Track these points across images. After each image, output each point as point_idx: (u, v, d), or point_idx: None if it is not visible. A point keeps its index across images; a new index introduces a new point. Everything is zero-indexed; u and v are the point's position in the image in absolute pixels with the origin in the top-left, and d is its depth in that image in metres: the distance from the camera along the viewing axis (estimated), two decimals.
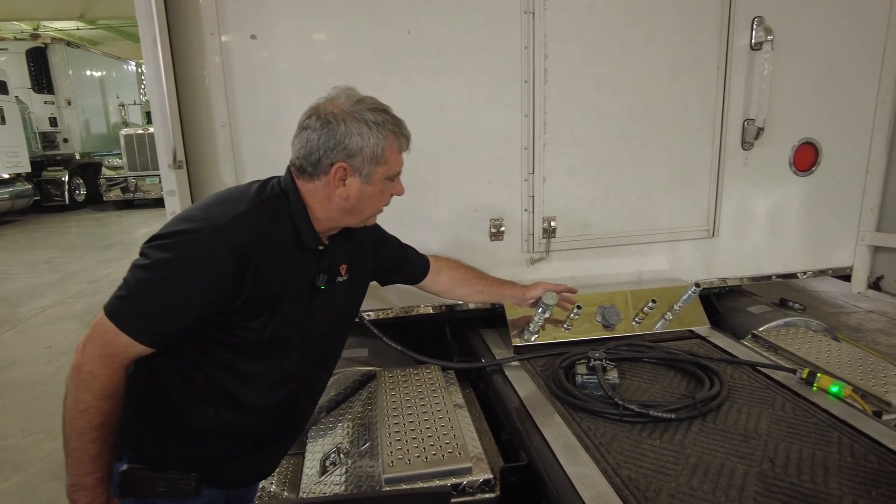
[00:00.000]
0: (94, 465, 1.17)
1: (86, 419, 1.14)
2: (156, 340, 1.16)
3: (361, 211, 1.31)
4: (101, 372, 1.14)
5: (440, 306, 1.97)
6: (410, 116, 1.79)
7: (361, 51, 1.76)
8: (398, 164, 1.32)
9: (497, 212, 1.92)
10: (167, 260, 1.13)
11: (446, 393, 1.62)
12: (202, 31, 1.66)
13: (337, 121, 1.23)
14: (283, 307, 1.26)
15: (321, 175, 1.26)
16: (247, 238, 1.16)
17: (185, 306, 1.15)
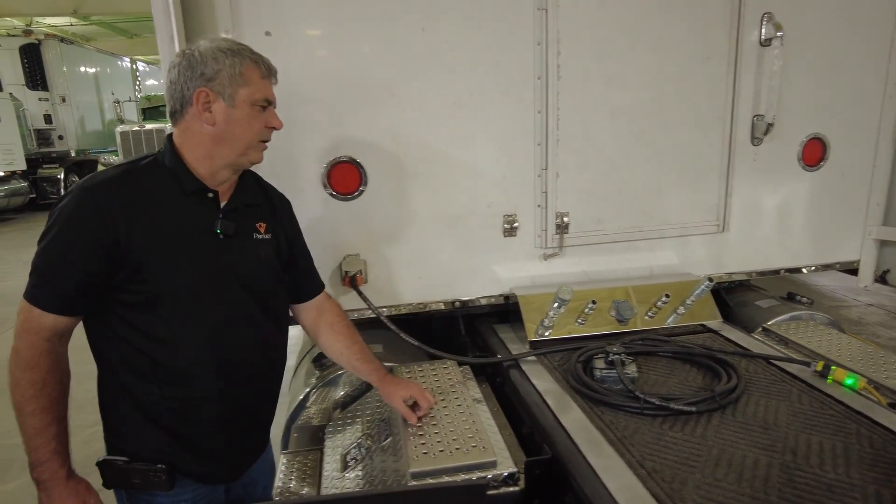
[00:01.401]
0: (42, 440, 1.22)
1: (19, 393, 1.22)
2: (59, 305, 1.22)
3: (234, 138, 1.30)
4: (21, 346, 1.22)
5: (453, 301, 1.98)
6: (425, 113, 1.83)
7: (375, 47, 1.77)
8: (264, 89, 1.32)
9: (511, 208, 1.93)
10: (48, 230, 1.23)
11: (464, 388, 1.63)
12: (216, 28, 1.66)
13: (192, 52, 1.29)
14: (178, 254, 1.28)
15: (188, 108, 1.29)
16: (114, 195, 1.22)
17: (68, 263, 1.21)
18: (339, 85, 1.76)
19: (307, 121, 1.76)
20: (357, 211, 1.83)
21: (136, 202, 1.25)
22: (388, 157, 1.82)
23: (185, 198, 1.31)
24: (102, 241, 1.21)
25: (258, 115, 1.32)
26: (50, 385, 1.23)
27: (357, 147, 1.80)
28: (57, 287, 1.22)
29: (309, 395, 1.91)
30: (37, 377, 1.22)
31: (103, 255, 1.21)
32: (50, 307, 1.22)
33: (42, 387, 1.22)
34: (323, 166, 1.78)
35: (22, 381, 1.21)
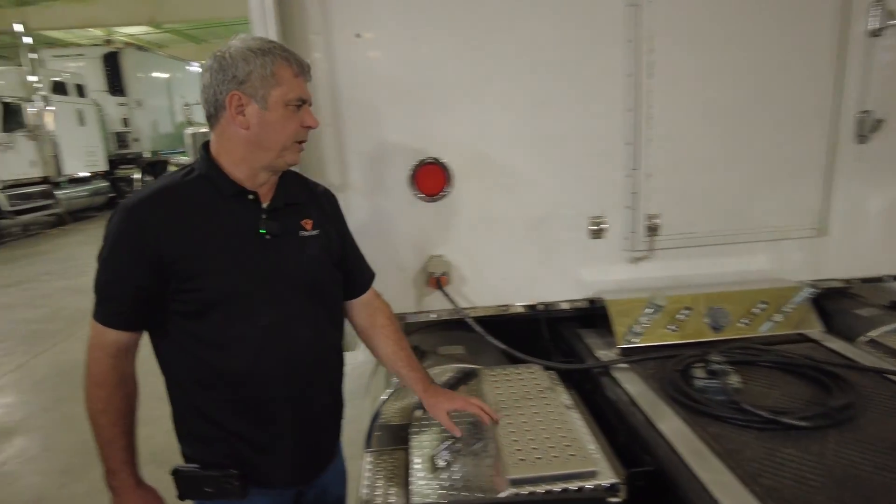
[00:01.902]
0: (112, 450, 1.29)
1: (91, 406, 1.28)
2: (118, 320, 1.26)
3: (269, 141, 1.28)
4: (90, 362, 1.28)
5: (536, 304, 1.94)
6: (510, 112, 1.80)
7: (461, 47, 1.75)
8: (298, 88, 1.28)
9: (597, 209, 1.88)
10: (102, 250, 1.26)
11: (554, 393, 1.60)
12: (306, 30, 1.69)
13: (223, 55, 1.26)
14: (224, 259, 1.27)
15: (221, 112, 1.27)
16: (153, 210, 1.25)
17: (120, 280, 1.25)
18: (426, 86, 1.76)
19: (394, 122, 1.76)
20: (442, 212, 1.82)
21: (175, 214, 1.26)
22: (473, 158, 1.81)
23: (225, 202, 1.30)
24: (146, 256, 1.23)
25: (293, 115, 1.29)
26: (117, 399, 1.29)
27: (443, 148, 1.79)
28: (115, 303, 1.27)
29: (391, 395, 1.91)
30: (105, 393, 1.28)
31: (149, 269, 1.24)
32: (111, 323, 1.26)
33: (110, 401, 1.28)
34: (409, 167, 1.78)
35: (93, 395, 1.28)
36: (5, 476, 3.32)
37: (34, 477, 3.29)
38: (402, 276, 1.87)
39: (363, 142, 1.77)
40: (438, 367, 1.86)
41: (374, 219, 1.82)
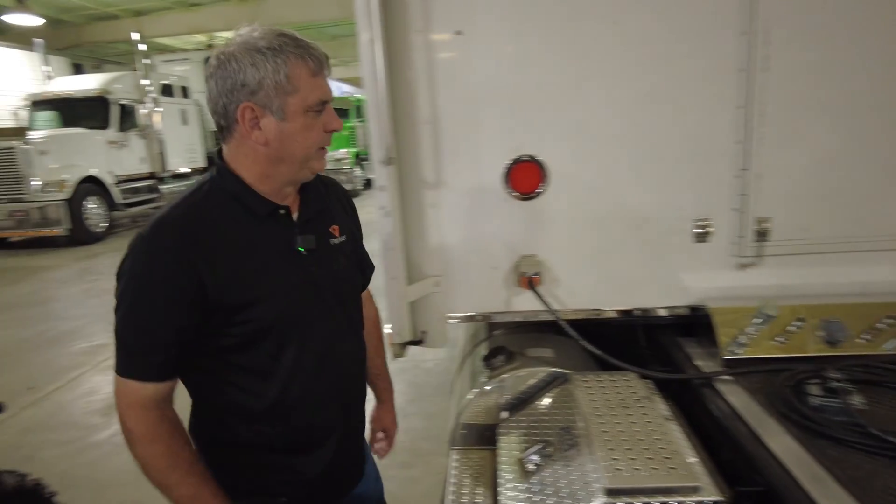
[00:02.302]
0: (201, 498, 1.16)
1: (154, 470, 1.13)
2: (156, 372, 1.12)
3: (292, 155, 1.15)
4: (131, 424, 1.12)
5: (632, 310, 1.87)
6: (611, 109, 1.74)
7: (564, 43, 1.71)
8: (317, 90, 1.13)
9: (703, 211, 1.78)
10: (123, 296, 1.10)
11: (651, 403, 1.53)
12: (408, 28, 1.70)
13: (228, 58, 1.08)
14: (267, 284, 1.17)
15: (234, 125, 1.12)
16: (185, 236, 1.09)
17: (156, 326, 1.09)
18: (526, 82, 1.73)
19: (491, 119, 1.75)
20: (536, 211, 1.79)
21: (209, 239, 1.12)
22: (571, 157, 1.76)
23: (258, 222, 1.19)
24: (188, 291, 1.09)
25: (314, 121, 1.15)
26: (178, 447, 1.15)
27: (539, 146, 1.75)
28: (150, 355, 1.11)
29: (477, 394, 1.90)
30: (163, 448, 1.13)
31: (192, 305, 1.10)
32: (150, 377, 1.12)
33: (173, 453, 1.14)
34: (504, 165, 1.76)
35: (150, 457, 1.12)
36: (115, 447, 3.60)
37: None
38: (492, 276, 1.86)
39: (459, 139, 1.77)
40: (525, 370, 1.83)
41: (466, 217, 1.82)
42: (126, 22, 16.64)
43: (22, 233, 10.18)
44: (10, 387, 4.59)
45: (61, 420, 4.04)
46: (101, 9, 16.28)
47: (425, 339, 1.90)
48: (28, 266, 9.18)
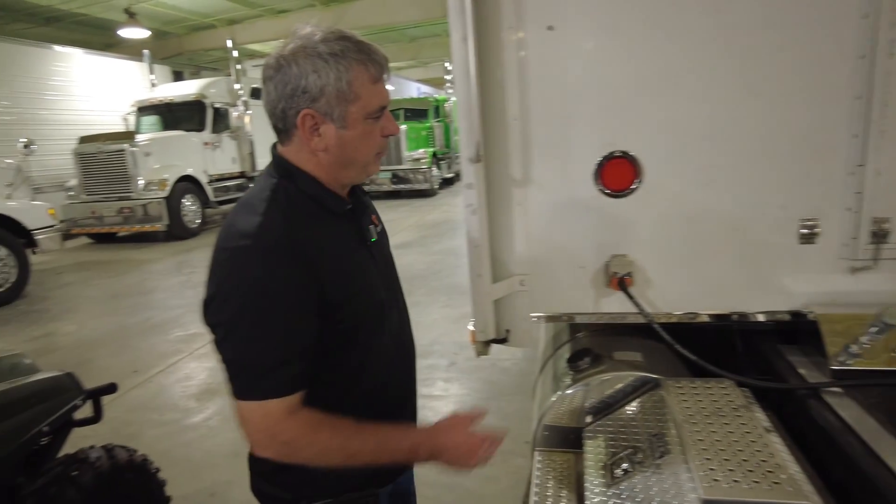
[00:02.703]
0: (392, 445, 1.15)
1: (336, 453, 1.10)
2: (299, 382, 1.08)
3: (352, 160, 1.16)
4: (288, 437, 1.07)
5: (730, 314, 1.77)
6: (712, 102, 1.65)
7: (660, 35, 1.65)
8: (377, 97, 1.12)
9: (810, 210, 1.66)
10: (240, 314, 1.03)
11: (750, 413, 1.44)
12: (500, 25, 1.69)
13: (288, 62, 1.06)
14: (357, 278, 1.19)
15: (293, 130, 1.12)
16: (295, 241, 1.07)
17: (295, 333, 1.06)
18: (619, 76, 1.68)
19: (583, 115, 1.71)
20: (628, 209, 1.73)
21: (311, 240, 1.12)
22: (666, 152, 1.69)
23: (336, 219, 1.21)
24: (312, 292, 1.08)
25: (373, 127, 1.15)
26: (334, 420, 1.12)
27: (633, 141, 1.70)
28: (290, 365, 1.07)
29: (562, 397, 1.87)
30: (327, 430, 1.11)
31: (317, 305, 1.09)
32: (289, 390, 1.07)
33: (337, 428, 1.11)
34: (595, 161, 1.72)
35: (322, 447, 1.09)
36: (210, 430, 3.82)
37: (231, 433, 3.74)
38: (579, 275, 1.82)
39: (548, 136, 1.74)
40: (612, 374, 1.78)
41: (554, 214, 1.79)
42: (221, 31, 17.67)
43: (128, 228, 11.03)
44: (119, 369, 4.98)
45: (162, 402, 4.34)
46: (199, 19, 17.36)
47: (509, 337, 1.89)
48: (133, 259, 9.94)
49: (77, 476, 2.02)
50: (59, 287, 8.35)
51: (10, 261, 7.50)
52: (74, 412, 2.13)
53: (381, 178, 14.94)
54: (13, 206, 7.59)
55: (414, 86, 24.24)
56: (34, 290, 7.97)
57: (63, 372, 2.14)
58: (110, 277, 8.68)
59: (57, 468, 2.05)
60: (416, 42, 23.16)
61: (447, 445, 1.19)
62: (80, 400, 2.10)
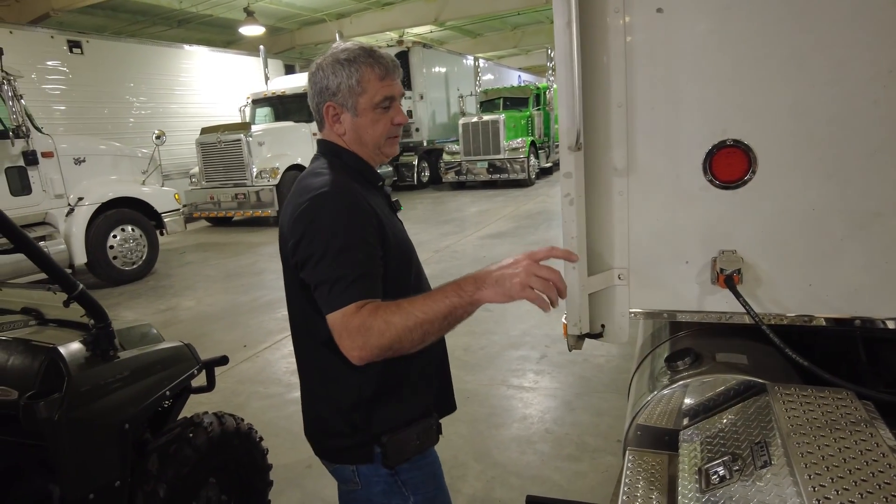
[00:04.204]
0: (438, 293, 1.19)
1: (414, 325, 1.16)
2: (370, 291, 1.24)
3: (364, 142, 1.45)
4: (358, 321, 1.17)
5: (852, 319, 1.62)
6: (842, 86, 1.50)
7: (781, 13, 1.52)
8: (382, 90, 1.40)
9: None
10: (330, 240, 1.24)
11: (872, 429, 1.31)
12: (606, 9, 1.63)
13: (318, 69, 1.41)
14: (402, 239, 1.47)
15: (324, 121, 1.45)
16: (357, 193, 1.33)
17: (375, 253, 1.29)
18: (733, 59, 1.57)
19: (692, 101, 1.62)
20: (740, 201, 1.62)
21: (366, 200, 1.37)
22: (786, 141, 1.56)
23: (374, 189, 1.50)
24: (376, 227, 1.34)
25: (382, 115, 1.43)
26: (395, 301, 1.21)
27: (748, 129, 1.58)
28: (363, 280, 1.23)
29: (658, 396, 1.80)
30: (385, 311, 1.18)
31: (378, 230, 1.34)
32: (374, 293, 1.24)
33: (394, 304, 1.19)
34: (705, 150, 1.62)
35: (387, 319, 1.16)
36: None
37: None
38: (683, 271, 1.73)
39: (654, 123, 1.66)
40: (713, 376, 1.69)
41: (658, 206, 1.70)
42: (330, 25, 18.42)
43: (242, 213, 11.85)
44: (231, 344, 5.38)
45: (267, 376, 4.64)
46: (310, 14, 18.19)
47: (604, 333, 1.83)
48: (246, 242, 10.67)
49: (192, 438, 2.21)
50: (181, 266, 9.14)
51: (142, 241, 8.33)
52: (191, 380, 2.33)
53: (478, 167, 14.98)
54: (146, 191, 8.41)
55: (515, 74, 24.04)
56: (161, 268, 8.77)
57: (183, 343, 2.34)
58: (226, 258, 9.38)
59: (176, 429, 2.26)
60: (518, 30, 22.92)
61: (492, 271, 1.18)
62: (196, 369, 2.29)
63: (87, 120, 11.68)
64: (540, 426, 3.49)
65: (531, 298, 1.15)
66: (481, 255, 7.84)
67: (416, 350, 1.22)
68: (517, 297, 1.14)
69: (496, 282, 1.16)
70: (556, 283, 1.17)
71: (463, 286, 1.18)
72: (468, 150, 15.04)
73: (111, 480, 1.85)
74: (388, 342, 1.17)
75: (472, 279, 1.18)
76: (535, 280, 1.14)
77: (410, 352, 1.21)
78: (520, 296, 1.14)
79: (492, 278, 1.16)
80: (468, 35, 23.16)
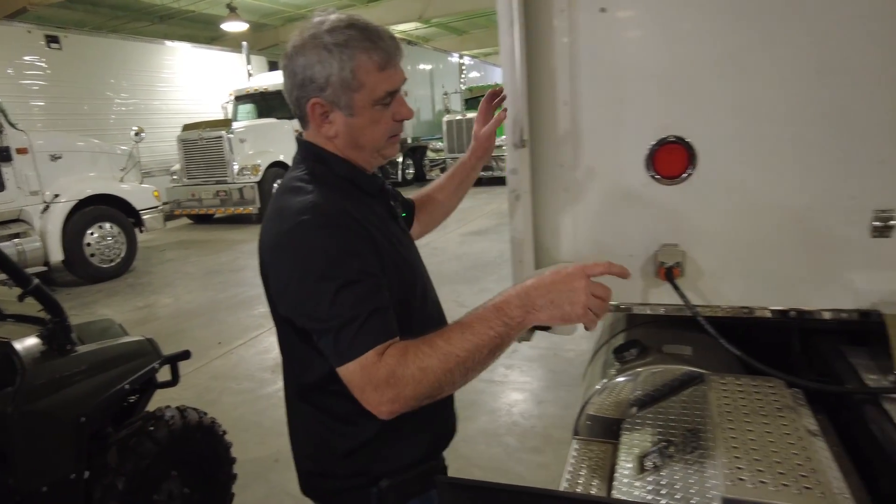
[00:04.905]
0: (478, 318, 1.00)
1: (438, 366, 0.98)
2: (384, 332, 1.02)
3: (361, 145, 1.18)
4: (385, 371, 0.98)
5: (788, 310, 1.67)
6: (778, 86, 1.55)
7: (721, 11, 1.56)
8: (384, 83, 1.12)
9: (885, 201, 1.52)
10: (322, 279, 1.01)
11: (795, 415, 1.36)
12: (551, 8, 1.67)
13: (297, 53, 1.09)
14: (403, 250, 1.24)
15: (307, 118, 1.15)
16: (344, 213, 1.09)
17: (367, 290, 1.03)
18: (675, 57, 1.62)
19: (635, 98, 1.66)
20: (680, 196, 1.67)
21: (355, 211, 1.13)
22: (724, 138, 1.61)
23: (370, 197, 1.24)
24: (373, 254, 1.10)
25: (382, 112, 1.16)
26: (424, 339, 1.02)
27: (689, 126, 1.63)
28: (371, 321, 1.02)
29: (606, 386, 1.84)
30: (416, 352, 1.00)
31: (376, 255, 1.10)
32: (375, 342, 1.01)
33: (425, 343, 1.01)
34: (648, 146, 1.67)
35: (420, 364, 0.98)
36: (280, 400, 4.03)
37: None
38: (628, 264, 1.71)
39: (599, 120, 1.70)
40: (661, 366, 1.74)
41: (602, 201, 1.75)
42: None
43: (223, 210, 11.80)
44: (206, 340, 5.37)
45: (241, 372, 4.64)
46: (294, 11, 18.11)
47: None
48: (227, 239, 10.62)
49: (153, 431, 2.23)
50: (161, 263, 9.09)
51: (120, 238, 8.28)
52: (155, 374, 2.35)
53: None
54: (124, 188, 8.36)
55: (500, 71, 24.06)
56: (140, 266, 8.72)
57: (145, 338, 2.35)
58: (206, 255, 9.34)
59: (137, 422, 2.28)
60: None
61: (542, 288, 0.98)
62: (157, 364, 2.31)
63: (67, 116, 11.56)
64: (507, 419, 3.54)
65: (589, 322, 1.00)
66: (462, 252, 7.88)
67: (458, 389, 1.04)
68: (576, 321, 0.99)
69: (552, 304, 0.98)
70: (609, 301, 1.03)
71: (507, 310, 0.99)
72: (452, 147, 15.07)
73: (66, 473, 1.87)
74: (427, 390, 0.98)
75: (515, 299, 0.99)
76: (595, 302, 0.99)
77: (450, 393, 1.03)
78: (580, 320, 0.99)
79: (545, 298, 0.98)
80: (454, 32, 23.17)
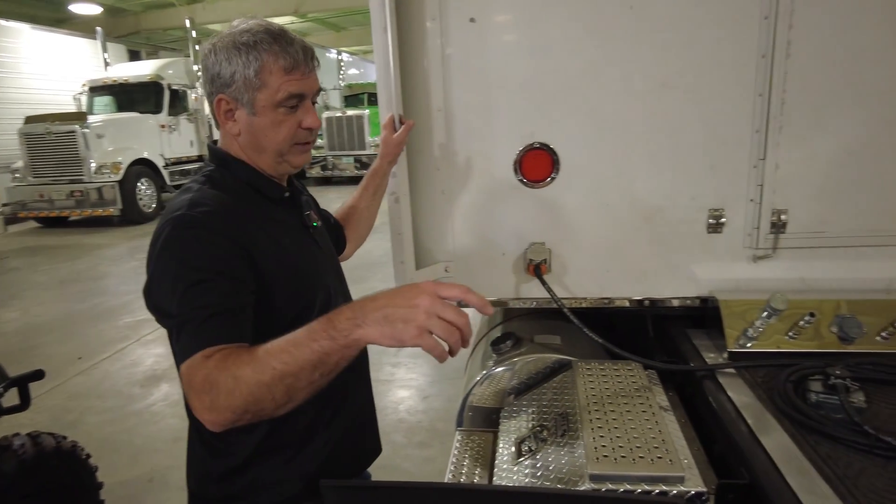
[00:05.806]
0: (309, 349, 0.87)
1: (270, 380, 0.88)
2: (219, 335, 0.96)
3: (262, 148, 1.17)
4: (202, 375, 0.91)
5: (642, 300, 1.86)
6: (627, 97, 1.72)
7: (579, 29, 1.70)
8: (288, 85, 1.12)
9: (717, 201, 1.75)
10: (178, 277, 1.00)
11: (650, 393, 1.52)
12: (423, 16, 1.72)
13: (211, 51, 1.14)
14: (306, 259, 1.22)
15: (217, 115, 1.18)
16: (222, 222, 1.07)
17: (233, 285, 1.01)
18: (539, 69, 1.73)
19: (504, 106, 1.76)
20: (546, 198, 1.79)
21: (247, 223, 1.12)
22: (583, 144, 1.76)
23: (273, 204, 1.23)
24: (238, 259, 1.06)
25: (286, 117, 1.15)
26: (251, 348, 0.93)
27: (552, 133, 1.75)
28: (209, 323, 0.97)
29: (485, 377, 1.93)
30: (236, 360, 0.91)
31: (248, 271, 1.06)
32: (206, 344, 0.94)
33: (258, 359, 0.90)
34: (515, 152, 1.77)
35: (236, 372, 0.89)
36: (153, 415, 3.80)
37: (174, 420, 3.73)
38: (501, 262, 1.88)
39: (471, 126, 1.78)
40: (535, 356, 1.85)
41: (476, 203, 1.84)
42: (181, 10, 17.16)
43: (80, 212, 10.71)
44: (64, 356, 4.88)
45: (106, 388, 4.28)
46: None
47: None
48: (85, 244, 9.67)
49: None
50: (2, 273, 8.09)
51: None
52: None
53: (345, 163, 14.82)
54: None
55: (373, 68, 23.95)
56: None
57: None
58: (59, 263, 8.45)
59: None
60: None
61: (378, 302, 0.88)
62: (3, 387, 2.08)
63: None
64: (394, 417, 3.58)
65: (428, 347, 0.86)
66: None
67: (286, 411, 0.92)
68: (409, 343, 0.85)
69: (384, 319, 0.86)
70: (463, 329, 0.88)
71: (336, 323, 0.87)
72: (332, 144, 14.81)
73: None
74: (241, 403, 0.87)
75: (348, 311, 0.89)
76: (437, 324, 0.85)
77: (278, 414, 0.91)
78: (413, 343, 0.85)
79: (378, 314, 0.86)
80: (332, 28, 22.74)
